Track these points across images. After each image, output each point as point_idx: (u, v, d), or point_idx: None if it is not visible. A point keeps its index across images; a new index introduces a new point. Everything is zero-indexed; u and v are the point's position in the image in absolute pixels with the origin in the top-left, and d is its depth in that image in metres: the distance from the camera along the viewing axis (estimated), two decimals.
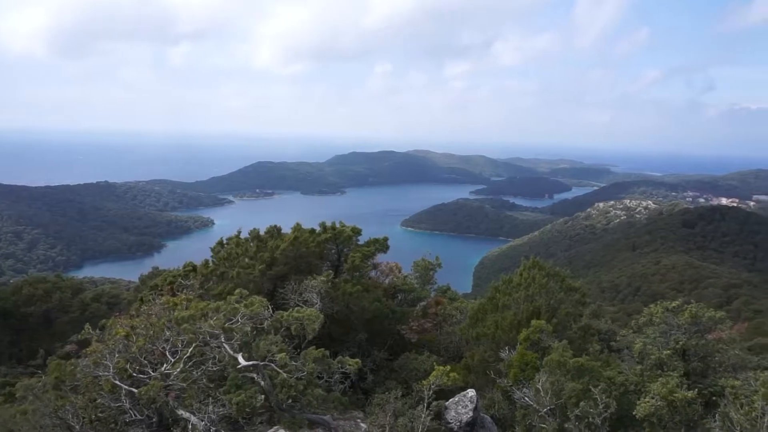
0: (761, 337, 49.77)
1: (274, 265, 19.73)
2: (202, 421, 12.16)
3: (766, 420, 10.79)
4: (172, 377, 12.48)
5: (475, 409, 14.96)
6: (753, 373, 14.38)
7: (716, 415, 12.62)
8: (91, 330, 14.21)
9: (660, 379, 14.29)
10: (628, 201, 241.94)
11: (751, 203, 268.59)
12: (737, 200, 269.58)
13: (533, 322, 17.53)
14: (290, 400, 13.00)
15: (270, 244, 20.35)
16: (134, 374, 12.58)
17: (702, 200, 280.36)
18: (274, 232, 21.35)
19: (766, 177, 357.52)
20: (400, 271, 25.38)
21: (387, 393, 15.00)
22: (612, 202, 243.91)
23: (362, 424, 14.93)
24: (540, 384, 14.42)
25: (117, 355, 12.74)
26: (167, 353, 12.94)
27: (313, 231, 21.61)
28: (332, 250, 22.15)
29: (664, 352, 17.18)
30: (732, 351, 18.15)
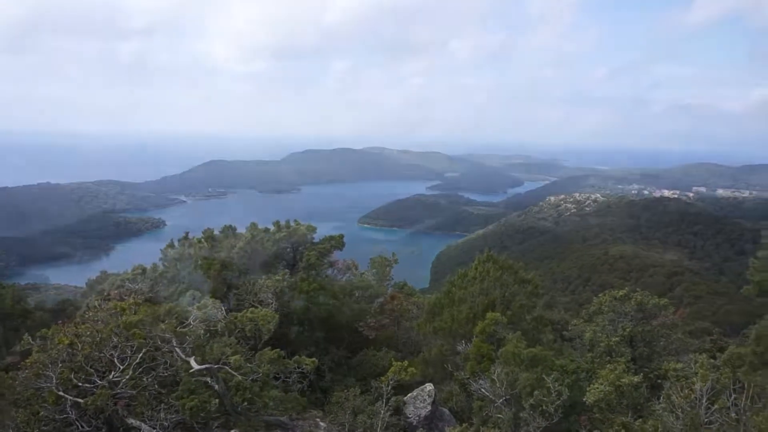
0: (701, 321, 52.57)
1: (230, 266, 19.34)
2: (155, 428, 11.80)
3: (704, 402, 11.38)
4: (120, 385, 12.04)
5: (433, 403, 15.14)
6: (693, 356, 15.16)
7: (660, 398, 13.21)
8: (31, 340, 13.48)
9: (608, 365, 14.84)
10: (578, 194, 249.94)
11: (691, 194, 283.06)
12: (678, 192, 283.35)
13: (488, 314, 17.85)
14: (246, 403, 12.78)
15: (225, 243, 19.95)
16: (80, 384, 12.05)
17: (646, 192, 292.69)
18: (229, 232, 20.94)
19: (706, 169, 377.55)
20: (357, 268, 25.35)
21: (346, 391, 14.96)
22: (563, 196, 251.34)
23: (321, 423, 14.84)
24: (496, 375, 14.70)
25: (60, 365, 12.16)
26: (115, 360, 12.46)
27: (267, 230, 21.31)
28: (287, 249, 21.91)
29: (613, 339, 17.94)
30: (675, 335, 19.16)
